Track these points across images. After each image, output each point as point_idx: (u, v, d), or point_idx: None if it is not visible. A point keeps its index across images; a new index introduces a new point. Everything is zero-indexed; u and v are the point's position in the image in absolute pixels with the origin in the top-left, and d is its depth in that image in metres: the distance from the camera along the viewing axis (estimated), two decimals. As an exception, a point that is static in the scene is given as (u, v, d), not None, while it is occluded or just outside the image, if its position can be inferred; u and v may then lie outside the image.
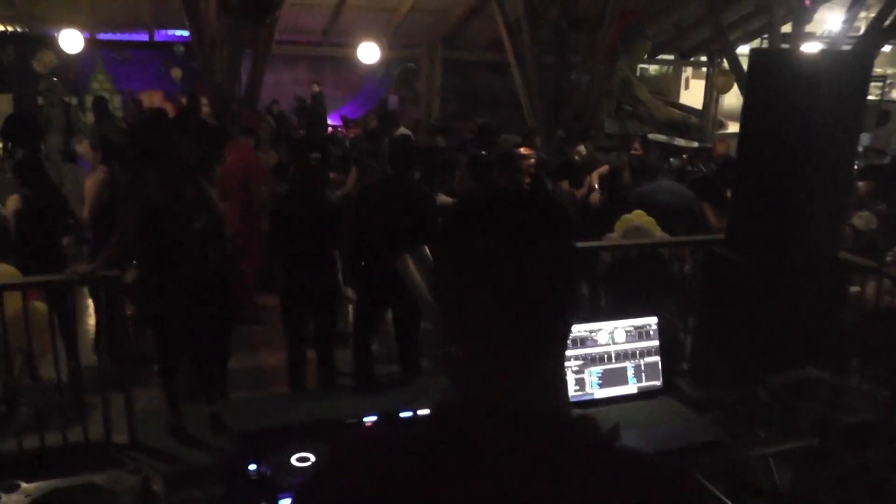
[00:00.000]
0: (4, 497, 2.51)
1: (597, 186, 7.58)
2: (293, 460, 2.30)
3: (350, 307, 6.34)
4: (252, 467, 2.26)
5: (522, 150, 7.13)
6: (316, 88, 15.61)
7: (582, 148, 8.38)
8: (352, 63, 15.21)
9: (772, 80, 3.99)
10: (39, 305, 4.90)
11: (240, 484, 2.28)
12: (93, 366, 5.60)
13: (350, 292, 5.64)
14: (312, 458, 2.31)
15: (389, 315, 5.76)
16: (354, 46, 14.00)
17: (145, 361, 5.99)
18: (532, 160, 6.73)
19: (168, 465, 4.05)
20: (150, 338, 6.38)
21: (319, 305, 5.53)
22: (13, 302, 4.29)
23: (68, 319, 5.30)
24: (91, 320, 6.82)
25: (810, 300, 3.90)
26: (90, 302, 6.83)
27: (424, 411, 2.66)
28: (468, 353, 1.03)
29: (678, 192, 6.76)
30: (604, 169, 7.71)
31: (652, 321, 3.20)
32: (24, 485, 2.57)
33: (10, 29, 14.72)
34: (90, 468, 4.01)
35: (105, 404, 4.30)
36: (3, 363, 4.56)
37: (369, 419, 2.55)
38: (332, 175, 7.82)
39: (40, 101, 12.51)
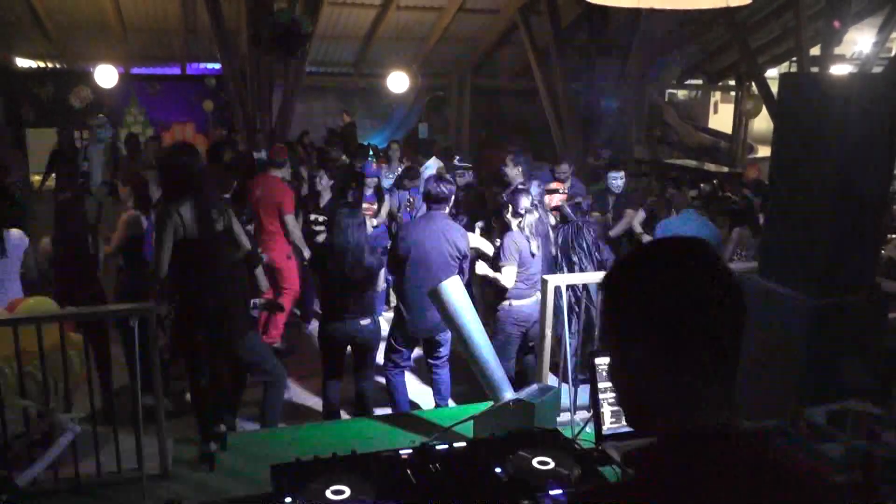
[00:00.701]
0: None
1: (640, 229, 7.65)
2: (328, 493, 2.29)
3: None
4: (288, 500, 2.25)
5: (554, 185, 7.18)
6: (346, 118, 15.74)
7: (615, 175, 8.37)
8: (381, 92, 15.34)
9: (802, 105, 3.96)
10: (75, 337, 4.97)
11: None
12: (125, 395, 5.66)
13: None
14: (348, 491, 2.30)
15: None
16: (384, 76, 14.13)
17: (177, 391, 6.04)
18: (563, 194, 6.78)
19: (201, 496, 4.05)
20: (182, 368, 6.46)
21: (356, 336, 5.52)
22: (51, 334, 4.35)
23: (104, 351, 5.36)
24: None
25: (848, 328, 3.84)
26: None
27: (461, 444, 2.65)
28: (679, 384, 1.20)
29: (703, 226, 6.71)
30: (639, 217, 7.79)
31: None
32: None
33: (48, 65, 15.10)
34: (124, 498, 4.04)
35: (138, 434, 4.33)
36: (41, 394, 4.61)
37: (405, 451, 2.54)
38: (364, 205, 7.88)
39: (86, 135, 12.76)
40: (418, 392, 6.47)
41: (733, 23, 13.81)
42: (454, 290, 3.36)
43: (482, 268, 5.87)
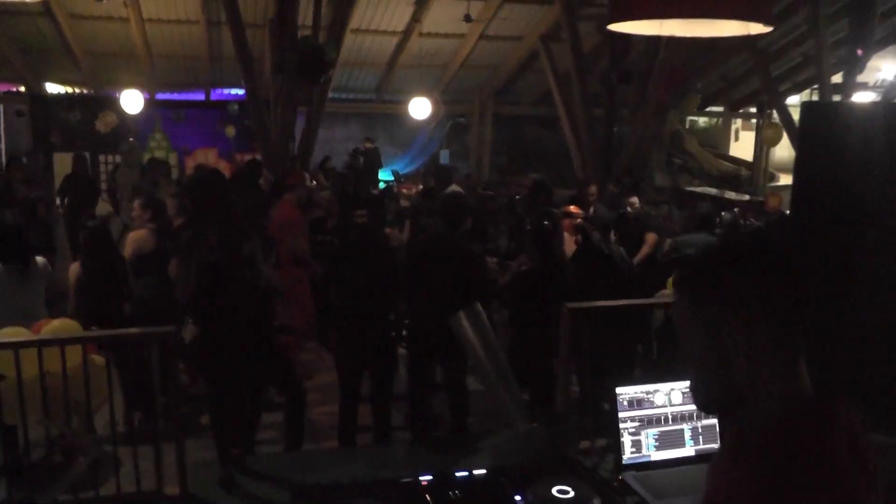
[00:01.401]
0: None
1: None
2: (347, 518, 2.30)
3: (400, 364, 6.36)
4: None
5: (572, 209, 7.14)
6: (369, 144, 15.89)
7: (635, 200, 8.35)
8: (403, 119, 15.46)
9: (824, 133, 3.94)
10: (97, 359, 5.02)
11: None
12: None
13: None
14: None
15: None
16: (406, 102, 14.25)
17: (194, 412, 6.08)
18: (580, 220, 6.75)
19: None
20: (201, 389, 6.50)
21: (375, 362, 5.52)
22: (74, 355, 4.39)
23: (126, 373, 5.41)
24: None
25: (876, 363, 3.80)
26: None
27: (481, 471, 2.64)
28: (784, 361, 1.35)
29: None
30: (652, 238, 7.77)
31: (709, 381, 3.13)
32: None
33: (76, 91, 15.39)
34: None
35: (157, 456, 4.35)
36: (62, 415, 4.65)
37: (424, 478, 2.54)
38: (387, 230, 7.92)
39: (113, 159, 12.96)
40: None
41: (754, 50, 13.84)
42: (469, 317, 3.36)
43: None
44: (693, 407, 3.07)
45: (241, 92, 13.76)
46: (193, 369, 6.70)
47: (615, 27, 5.95)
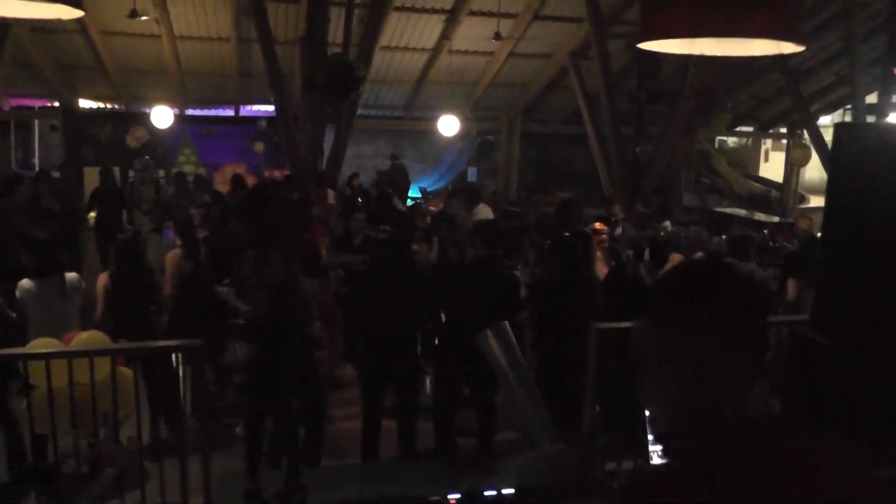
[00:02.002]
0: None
1: None
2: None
3: (427, 380, 6.35)
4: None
5: (597, 226, 7.10)
6: (393, 160, 16.02)
7: (667, 224, 8.30)
8: (431, 136, 15.50)
9: (858, 156, 3.87)
10: (126, 371, 5.06)
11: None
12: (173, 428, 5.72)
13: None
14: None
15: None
16: (434, 119, 14.29)
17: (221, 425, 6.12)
18: (605, 236, 6.70)
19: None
20: (228, 402, 6.54)
21: (401, 380, 5.51)
22: (102, 367, 4.43)
23: (154, 386, 5.45)
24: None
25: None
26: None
27: (509, 490, 2.62)
28: (732, 380, 1.33)
29: (752, 273, 6.61)
30: (677, 258, 7.65)
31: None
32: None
33: (107, 106, 15.64)
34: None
35: (183, 467, 4.36)
36: (90, 426, 4.68)
37: (453, 496, 2.52)
38: (415, 246, 7.91)
39: (130, 176, 13.12)
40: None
41: (786, 69, 13.74)
42: (497, 336, 3.35)
43: None
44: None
45: (270, 108, 13.89)
46: (221, 382, 6.76)
47: (645, 45, 5.92)
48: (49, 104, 15.35)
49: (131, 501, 4.40)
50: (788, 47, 5.52)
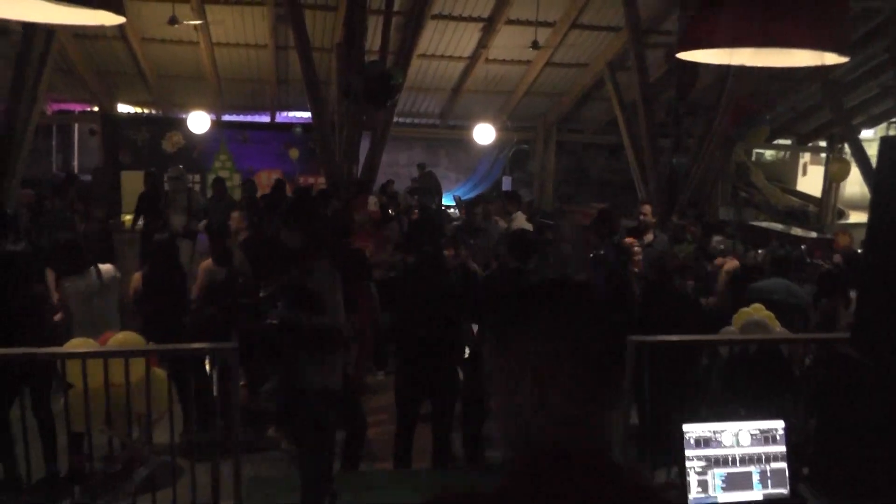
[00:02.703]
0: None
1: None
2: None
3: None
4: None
5: (628, 241, 7.04)
6: (421, 170, 16.11)
7: (720, 238, 8.22)
8: (467, 144, 15.49)
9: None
10: (159, 372, 5.09)
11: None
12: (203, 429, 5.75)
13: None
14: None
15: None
16: (470, 128, 14.27)
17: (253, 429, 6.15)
18: (637, 248, 6.64)
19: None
20: (259, 406, 6.57)
21: (437, 390, 5.46)
22: (137, 367, 4.46)
23: (187, 387, 5.48)
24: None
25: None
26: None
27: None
28: (559, 411, 1.29)
29: (793, 292, 6.50)
30: (732, 265, 7.50)
31: (779, 425, 2.99)
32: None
33: (145, 111, 15.88)
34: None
35: (214, 469, 4.39)
36: (125, 426, 4.73)
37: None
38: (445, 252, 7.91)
39: (166, 183, 13.32)
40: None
41: (827, 81, 13.53)
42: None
43: None
44: (762, 449, 2.96)
45: (305, 115, 13.96)
46: (250, 385, 6.78)
47: (684, 55, 5.88)
48: (89, 109, 15.60)
49: (163, 500, 4.43)
50: (831, 58, 5.44)
